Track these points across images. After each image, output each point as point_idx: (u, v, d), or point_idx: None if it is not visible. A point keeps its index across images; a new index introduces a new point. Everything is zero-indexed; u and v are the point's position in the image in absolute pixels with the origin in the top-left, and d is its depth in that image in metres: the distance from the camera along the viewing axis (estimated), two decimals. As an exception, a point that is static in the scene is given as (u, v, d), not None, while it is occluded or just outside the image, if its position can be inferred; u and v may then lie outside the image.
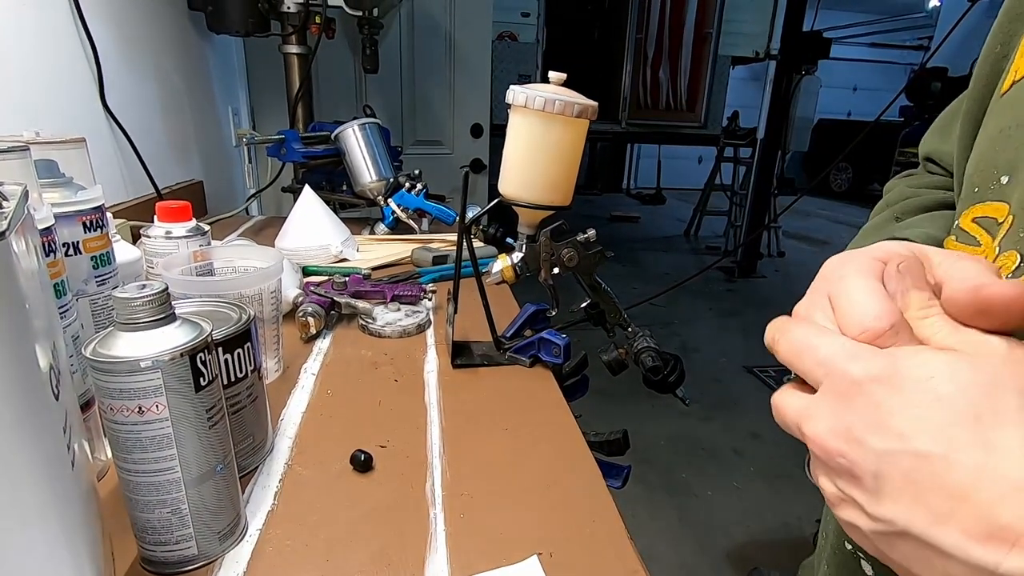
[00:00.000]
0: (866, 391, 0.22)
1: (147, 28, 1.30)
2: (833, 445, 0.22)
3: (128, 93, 1.19)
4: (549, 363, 0.70)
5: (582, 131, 0.65)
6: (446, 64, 2.34)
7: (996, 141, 0.31)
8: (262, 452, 0.51)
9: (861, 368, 0.22)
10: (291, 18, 1.50)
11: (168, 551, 0.38)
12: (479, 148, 2.48)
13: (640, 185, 8.73)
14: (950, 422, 0.20)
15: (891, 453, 0.21)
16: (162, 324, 0.36)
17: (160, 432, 0.35)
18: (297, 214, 1.08)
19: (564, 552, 0.42)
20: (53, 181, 0.50)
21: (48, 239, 0.42)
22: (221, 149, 1.76)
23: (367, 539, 0.43)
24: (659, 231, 5.98)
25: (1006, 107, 0.31)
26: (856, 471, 0.22)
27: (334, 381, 0.67)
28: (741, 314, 3.64)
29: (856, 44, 8.35)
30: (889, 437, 0.21)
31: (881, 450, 0.21)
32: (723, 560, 1.68)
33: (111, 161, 1.13)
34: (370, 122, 1.36)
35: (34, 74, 0.91)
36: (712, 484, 1.99)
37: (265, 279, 0.60)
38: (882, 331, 0.23)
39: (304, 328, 0.75)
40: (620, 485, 0.69)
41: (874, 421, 0.21)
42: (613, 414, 2.33)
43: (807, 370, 0.25)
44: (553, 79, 0.64)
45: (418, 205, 1.26)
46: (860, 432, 0.22)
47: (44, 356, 0.29)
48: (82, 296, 0.49)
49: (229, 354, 0.46)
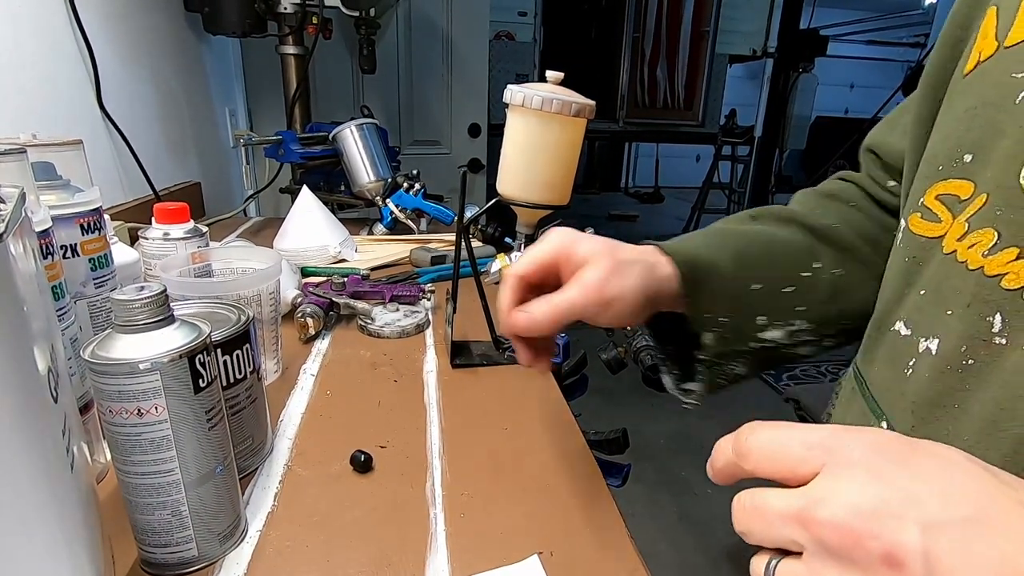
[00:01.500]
0: (894, 458, 0.20)
1: (144, 30, 1.29)
2: (862, 526, 0.20)
3: (125, 95, 1.18)
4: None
5: (580, 130, 0.65)
6: (443, 64, 2.34)
7: (962, 121, 0.32)
8: (262, 453, 0.51)
9: (872, 437, 0.21)
10: (288, 19, 1.50)
11: (168, 553, 0.38)
12: (477, 148, 2.48)
13: (638, 184, 8.73)
14: (983, 489, 0.19)
15: (938, 525, 0.19)
16: (161, 326, 0.36)
17: (159, 434, 0.35)
18: (295, 215, 1.08)
19: (564, 551, 0.42)
20: (50, 183, 0.50)
21: (46, 241, 0.42)
22: (219, 150, 1.75)
23: (367, 539, 0.43)
24: (658, 230, 5.98)
25: (970, 87, 0.32)
26: (898, 553, 0.19)
27: (333, 382, 0.66)
28: (740, 312, 3.64)
29: (853, 41, 8.35)
30: (930, 508, 0.19)
31: (927, 523, 0.19)
32: (723, 558, 1.68)
33: (108, 163, 1.13)
34: (368, 122, 1.36)
35: (31, 76, 0.91)
36: (712, 483, 1.98)
37: (264, 280, 0.60)
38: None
39: (303, 329, 0.75)
40: (620, 484, 0.70)
41: (911, 493, 0.19)
42: (612, 413, 2.33)
43: (795, 462, 0.23)
44: (551, 78, 0.64)
45: (416, 205, 1.26)
46: (897, 506, 0.19)
47: (42, 358, 0.29)
48: (80, 298, 0.49)
49: (228, 355, 0.45)
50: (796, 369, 2.79)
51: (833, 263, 0.48)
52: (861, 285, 0.47)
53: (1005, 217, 0.28)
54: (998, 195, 0.28)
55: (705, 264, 0.45)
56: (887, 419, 0.34)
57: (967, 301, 0.29)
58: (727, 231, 0.49)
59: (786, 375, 2.74)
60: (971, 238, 0.29)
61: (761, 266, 0.47)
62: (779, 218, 0.50)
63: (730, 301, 0.46)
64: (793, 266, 0.47)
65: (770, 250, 0.48)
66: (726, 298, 0.46)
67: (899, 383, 0.34)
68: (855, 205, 0.51)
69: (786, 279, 0.47)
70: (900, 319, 0.35)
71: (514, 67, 4.01)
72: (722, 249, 0.47)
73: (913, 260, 0.34)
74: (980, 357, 0.28)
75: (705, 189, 5.51)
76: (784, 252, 0.48)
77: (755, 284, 0.46)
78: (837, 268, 0.48)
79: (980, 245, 0.29)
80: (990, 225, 0.28)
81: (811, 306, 0.47)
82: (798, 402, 1.57)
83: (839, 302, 0.48)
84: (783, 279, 0.47)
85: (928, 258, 0.33)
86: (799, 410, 1.56)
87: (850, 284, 0.48)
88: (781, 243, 0.48)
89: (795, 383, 2.67)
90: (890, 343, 0.35)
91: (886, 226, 0.49)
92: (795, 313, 0.47)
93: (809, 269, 0.47)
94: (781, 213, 0.51)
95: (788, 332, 0.48)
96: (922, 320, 0.33)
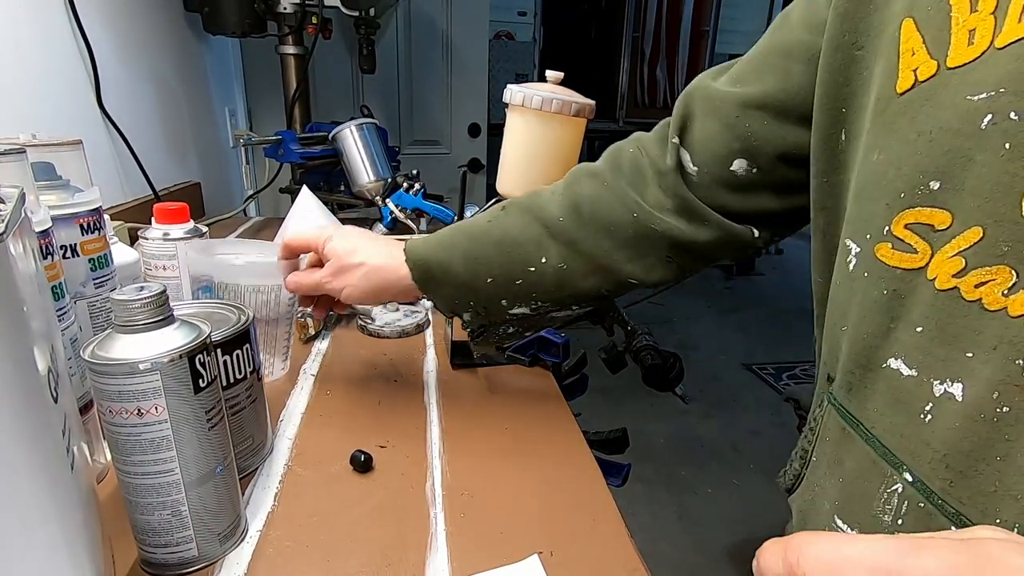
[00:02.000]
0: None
1: (143, 30, 1.29)
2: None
3: (125, 95, 1.18)
4: (548, 362, 0.70)
5: (580, 130, 0.65)
6: (443, 64, 2.34)
7: (916, 145, 0.31)
8: (262, 453, 0.51)
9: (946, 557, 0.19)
10: (287, 19, 1.50)
11: (168, 553, 0.38)
12: (477, 148, 2.48)
13: (638, 183, 8.73)
14: None
15: None
16: (160, 326, 0.36)
17: (159, 434, 0.35)
18: (295, 215, 1.08)
19: (565, 551, 0.42)
20: (50, 183, 0.50)
21: (45, 242, 0.42)
22: (218, 150, 1.75)
23: (367, 539, 0.43)
24: (657, 229, 5.97)
25: (916, 109, 0.31)
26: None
27: (333, 382, 0.67)
28: (740, 312, 3.64)
29: (853, 41, 8.36)
30: None
31: None
32: (723, 558, 1.68)
33: (108, 163, 1.13)
34: (367, 122, 1.36)
35: (30, 76, 0.91)
36: (712, 482, 1.99)
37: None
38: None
39: (303, 329, 0.75)
40: (620, 483, 0.70)
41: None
42: (613, 412, 2.33)
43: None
44: (551, 78, 0.64)
45: (416, 205, 1.26)
46: None
47: (42, 359, 0.29)
48: (80, 298, 0.49)
49: (228, 355, 0.45)
50: (796, 369, 2.79)
51: (558, 258, 0.52)
52: (584, 277, 0.53)
53: (1017, 253, 0.27)
54: (999, 230, 0.27)
55: (437, 266, 0.54)
56: (909, 470, 0.32)
57: (992, 344, 0.28)
58: (469, 230, 0.55)
59: (786, 375, 2.74)
60: (977, 275, 0.28)
61: (492, 263, 0.53)
62: (522, 209, 0.54)
63: (467, 293, 0.55)
64: (522, 261, 0.53)
65: (501, 248, 0.53)
66: (462, 290, 0.55)
67: (917, 431, 0.31)
68: (609, 186, 0.52)
69: (515, 274, 0.53)
70: (895, 357, 0.33)
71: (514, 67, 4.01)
72: (455, 249, 0.54)
73: (894, 293, 0.32)
74: (1016, 403, 0.27)
75: (705, 189, 5.51)
76: (513, 248, 0.53)
77: (488, 278, 0.54)
78: (561, 263, 0.52)
79: (996, 284, 0.27)
80: (1000, 262, 0.27)
81: (541, 293, 0.54)
82: (798, 402, 1.58)
83: (566, 290, 0.54)
84: (512, 274, 0.53)
85: (910, 291, 0.31)
86: (799, 409, 1.56)
87: (573, 276, 0.53)
88: (512, 240, 0.53)
89: (795, 383, 2.67)
90: (890, 384, 0.33)
91: (629, 206, 0.51)
92: (531, 297, 0.55)
93: (535, 264, 0.53)
94: (524, 204, 0.55)
95: (532, 308, 0.56)
96: (931, 362, 0.31)
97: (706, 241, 0.50)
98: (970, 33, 0.29)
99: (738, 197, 0.48)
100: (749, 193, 0.48)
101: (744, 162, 0.46)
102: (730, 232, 0.49)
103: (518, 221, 0.54)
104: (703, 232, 0.49)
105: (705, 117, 0.48)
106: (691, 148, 0.48)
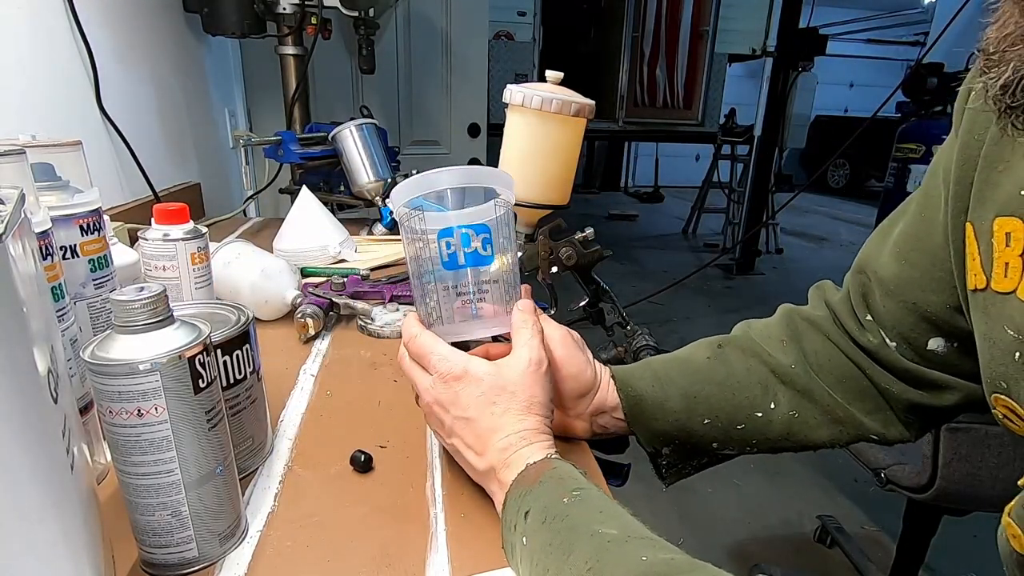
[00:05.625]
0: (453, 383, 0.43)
1: (143, 31, 1.29)
2: (435, 409, 0.45)
3: (124, 96, 1.18)
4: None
5: (579, 130, 0.65)
6: (443, 64, 2.34)
7: (983, 343, 0.35)
8: (262, 453, 0.51)
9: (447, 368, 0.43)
10: (287, 19, 1.50)
11: (168, 553, 0.38)
12: (476, 148, 2.48)
13: (638, 183, 8.74)
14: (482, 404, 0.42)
15: (457, 420, 0.43)
16: (160, 326, 0.36)
17: (159, 434, 0.35)
18: (295, 215, 1.08)
19: (565, 550, 0.42)
20: (50, 184, 0.50)
21: (45, 242, 0.42)
22: (218, 151, 1.75)
23: (367, 539, 0.43)
24: (657, 229, 5.99)
25: (982, 313, 0.34)
26: (445, 421, 0.44)
27: (333, 382, 0.67)
28: (740, 311, 3.64)
29: (852, 40, 8.36)
30: (456, 408, 0.43)
31: (454, 416, 0.43)
32: (724, 557, 1.68)
33: (108, 164, 1.13)
34: (367, 123, 1.36)
35: (30, 77, 0.91)
36: (712, 481, 1.99)
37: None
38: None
39: (303, 329, 0.75)
40: (620, 483, 0.69)
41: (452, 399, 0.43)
42: (613, 412, 2.33)
43: (427, 364, 0.45)
44: (550, 78, 0.64)
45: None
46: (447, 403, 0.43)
47: (42, 359, 0.29)
48: (80, 299, 0.49)
49: (228, 356, 0.45)
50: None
51: (789, 405, 0.49)
52: (817, 427, 0.49)
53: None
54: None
55: (651, 403, 0.49)
56: None
57: None
58: (685, 364, 0.52)
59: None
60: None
61: (713, 404, 0.49)
62: (743, 350, 0.51)
63: (678, 432, 0.50)
64: (747, 406, 0.49)
65: (723, 390, 0.49)
66: (674, 429, 0.50)
67: None
68: (831, 339, 0.50)
69: (738, 418, 0.49)
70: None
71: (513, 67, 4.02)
72: (671, 386, 0.50)
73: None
74: None
75: (705, 188, 5.51)
76: (739, 390, 0.49)
77: (706, 419, 0.49)
78: (793, 410, 0.49)
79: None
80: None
81: (763, 441, 0.50)
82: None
83: (793, 440, 0.50)
84: (735, 418, 0.49)
85: None
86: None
87: (806, 425, 0.49)
88: (736, 381, 0.50)
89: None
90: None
91: (859, 364, 0.49)
92: (748, 444, 0.51)
93: (763, 409, 0.49)
94: (746, 344, 0.52)
95: (743, 451, 0.52)
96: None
97: (952, 405, 0.46)
98: (1005, 266, 0.31)
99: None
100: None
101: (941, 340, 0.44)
102: (975, 393, 0.45)
103: (743, 361, 0.51)
104: (947, 397, 0.46)
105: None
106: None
